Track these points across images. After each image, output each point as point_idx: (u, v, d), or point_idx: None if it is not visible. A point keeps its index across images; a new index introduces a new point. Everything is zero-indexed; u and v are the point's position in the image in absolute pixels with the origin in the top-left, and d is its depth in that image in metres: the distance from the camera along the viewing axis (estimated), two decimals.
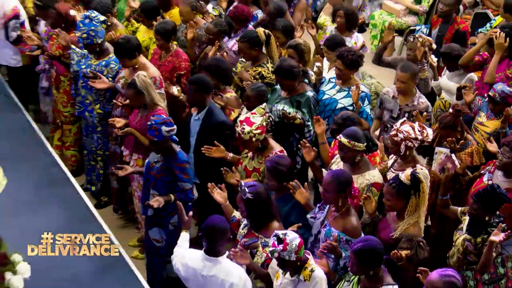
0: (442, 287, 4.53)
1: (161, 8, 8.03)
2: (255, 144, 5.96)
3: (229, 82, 6.99)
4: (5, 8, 8.22)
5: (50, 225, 5.92)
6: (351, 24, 7.98)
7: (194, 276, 5.09)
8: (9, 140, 7.07)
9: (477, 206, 5.37)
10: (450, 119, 6.49)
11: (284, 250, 4.68)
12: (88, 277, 5.49)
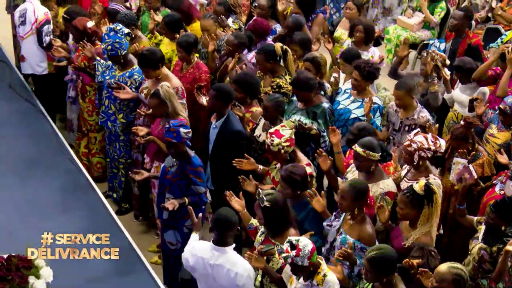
0: (450, 277, 4.58)
1: (184, 21, 8.01)
2: (284, 156, 5.95)
3: (256, 96, 6.95)
4: (37, 14, 8.26)
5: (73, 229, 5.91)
6: (369, 38, 7.95)
7: (202, 265, 5.17)
8: (36, 147, 7.09)
9: (494, 216, 5.35)
10: (462, 130, 6.48)
11: (297, 256, 4.67)
12: (108, 281, 5.47)
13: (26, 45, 8.39)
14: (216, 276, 5.15)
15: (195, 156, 6.09)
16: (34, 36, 8.31)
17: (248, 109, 6.79)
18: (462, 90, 7.74)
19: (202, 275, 5.25)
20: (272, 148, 5.89)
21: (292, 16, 8.27)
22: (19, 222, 5.96)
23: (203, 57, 7.82)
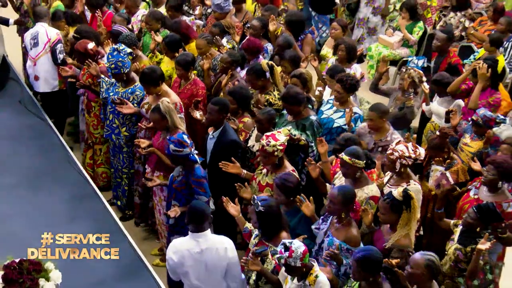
0: (424, 264, 4.71)
1: (182, 41, 8.04)
2: (274, 159, 5.97)
3: (247, 108, 7.00)
4: (50, 35, 8.33)
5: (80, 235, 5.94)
6: (351, 56, 7.97)
7: (189, 256, 5.18)
8: (45, 159, 7.11)
9: (476, 217, 5.39)
10: (438, 140, 6.54)
11: (290, 257, 4.70)
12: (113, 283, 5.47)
13: (39, 65, 8.42)
14: (207, 260, 5.22)
15: (198, 168, 6.07)
16: (47, 55, 8.39)
17: (240, 119, 6.84)
18: (440, 103, 7.78)
19: (191, 266, 5.24)
20: (267, 149, 5.88)
21: (283, 36, 8.29)
22: (30, 229, 5.96)
23: (199, 74, 7.83)
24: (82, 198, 6.53)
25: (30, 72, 8.49)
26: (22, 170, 6.83)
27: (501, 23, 9.74)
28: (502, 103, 7.92)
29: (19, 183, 6.63)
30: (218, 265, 5.24)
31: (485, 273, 5.64)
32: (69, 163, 7.08)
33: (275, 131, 6.10)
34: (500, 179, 5.85)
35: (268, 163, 6.08)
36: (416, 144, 6.10)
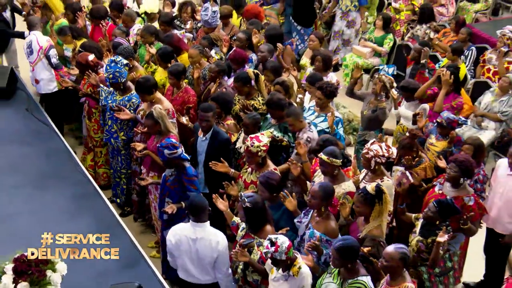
0: (397, 256, 4.73)
1: (174, 53, 8.05)
2: (258, 158, 6.00)
3: (229, 111, 7.05)
4: (41, 42, 8.34)
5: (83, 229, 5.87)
6: (327, 66, 8.00)
7: (185, 241, 5.34)
8: (50, 161, 7.08)
9: (435, 210, 5.44)
10: (408, 141, 6.58)
11: (276, 252, 4.75)
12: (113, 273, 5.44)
13: (37, 70, 8.46)
14: (199, 248, 5.33)
15: (190, 167, 6.15)
16: (41, 61, 8.40)
17: (224, 121, 6.87)
18: (407, 107, 7.83)
19: (185, 250, 5.37)
20: (251, 149, 5.93)
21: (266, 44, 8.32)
22: (37, 225, 5.91)
23: (190, 83, 7.84)
24: (84, 196, 6.50)
25: (31, 76, 8.57)
26: (29, 171, 6.81)
27: (462, 33, 9.84)
28: (464, 106, 8.02)
29: (26, 183, 6.60)
30: (209, 255, 5.31)
31: (445, 261, 5.73)
32: (72, 165, 7.05)
33: (259, 133, 6.14)
34: (462, 175, 5.89)
35: (252, 162, 6.11)
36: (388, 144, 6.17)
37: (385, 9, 12.13)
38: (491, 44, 10.30)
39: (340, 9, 11.38)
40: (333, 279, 4.97)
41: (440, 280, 5.76)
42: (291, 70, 8.00)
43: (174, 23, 9.26)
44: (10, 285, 4.20)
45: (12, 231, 5.84)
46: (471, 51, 9.84)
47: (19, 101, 8.20)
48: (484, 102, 8.61)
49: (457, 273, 5.99)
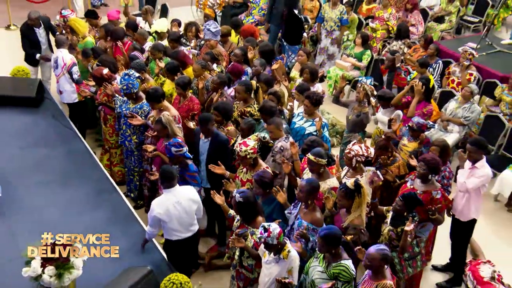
0: (378, 257, 4.69)
1: (180, 67, 8.08)
2: (248, 160, 6.01)
3: (229, 118, 7.07)
4: (65, 60, 8.35)
5: (102, 220, 6.00)
6: (314, 77, 8.03)
7: (172, 208, 5.56)
8: (73, 161, 7.10)
9: (402, 204, 5.49)
10: (383, 142, 6.61)
11: (268, 237, 4.78)
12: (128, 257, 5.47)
13: (61, 83, 8.46)
14: (185, 206, 5.63)
15: (192, 164, 6.22)
16: (64, 76, 8.41)
17: (225, 127, 6.88)
18: (383, 113, 7.87)
19: (175, 214, 5.59)
20: (240, 154, 5.96)
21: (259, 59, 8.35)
22: (62, 217, 5.96)
23: (195, 93, 7.86)
24: (103, 191, 6.53)
25: (56, 87, 8.57)
26: (55, 170, 6.82)
27: (430, 49, 9.90)
28: (433, 112, 8.05)
29: (53, 180, 6.62)
30: (192, 208, 5.71)
31: (413, 247, 5.77)
32: (92, 164, 7.07)
33: (246, 138, 6.14)
34: (430, 172, 5.94)
35: (245, 164, 6.14)
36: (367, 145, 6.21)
37: (364, 28, 12.19)
38: (455, 58, 10.36)
39: (325, 29, 11.45)
40: (319, 263, 5.00)
41: (409, 264, 5.80)
42: (283, 81, 8.03)
43: (181, 41, 9.29)
44: (39, 269, 4.22)
45: (40, 221, 5.84)
46: (438, 64, 9.89)
47: (46, 109, 8.22)
48: (449, 108, 8.66)
49: (424, 257, 6.03)
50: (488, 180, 6.37)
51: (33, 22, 9.60)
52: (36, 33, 9.71)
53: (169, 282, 4.70)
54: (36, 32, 9.70)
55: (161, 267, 5.28)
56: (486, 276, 6.74)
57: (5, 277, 4.96)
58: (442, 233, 6.81)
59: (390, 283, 4.73)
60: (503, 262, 7.04)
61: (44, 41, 9.83)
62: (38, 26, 9.69)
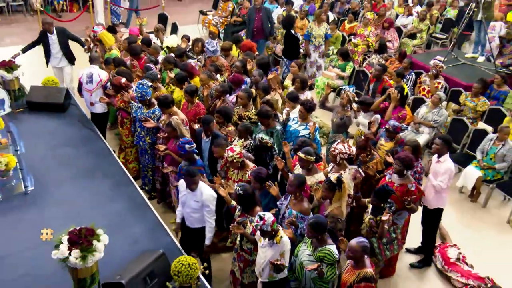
0: (359, 249, 4.66)
1: (188, 77, 8.09)
2: (236, 164, 6.02)
3: (229, 120, 7.07)
4: (101, 76, 8.28)
5: (121, 209, 5.99)
6: (303, 86, 8.06)
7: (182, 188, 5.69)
8: (95, 159, 7.09)
9: (374, 198, 5.53)
10: (363, 142, 6.61)
11: (263, 224, 4.77)
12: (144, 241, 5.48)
13: (94, 96, 8.30)
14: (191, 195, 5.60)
15: (199, 160, 6.24)
16: (99, 90, 8.28)
17: (226, 128, 6.89)
18: (364, 116, 7.89)
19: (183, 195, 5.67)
20: (228, 159, 5.97)
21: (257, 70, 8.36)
22: (86, 207, 5.95)
23: (201, 99, 7.86)
24: (121, 184, 6.51)
25: (87, 99, 8.45)
26: (80, 166, 6.80)
27: (404, 62, 9.92)
28: (407, 116, 8.07)
29: (78, 175, 6.61)
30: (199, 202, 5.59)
31: (390, 233, 5.79)
32: (112, 161, 7.07)
33: (233, 144, 6.12)
34: (404, 168, 5.95)
35: (234, 167, 6.14)
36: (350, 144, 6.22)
37: (347, 44, 12.22)
38: (426, 70, 10.40)
39: (314, 45, 11.46)
40: (307, 247, 5.01)
41: (387, 247, 5.81)
42: (277, 89, 8.04)
43: (187, 55, 9.30)
44: (66, 252, 4.21)
45: (68, 211, 5.84)
46: (411, 75, 9.92)
47: (72, 114, 8.21)
48: (421, 113, 8.68)
49: (400, 241, 6.04)
50: (452, 174, 6.39)
51: (46, 27, 9.54)
52: (49, 38, 9.64)
53: (179, 263, 4.70)
54: (49, 37, 9.63)
55: (172, 250, 5.26)
56: (453, 257, 6.78)
57: (38, 259, 4.96)
58: (414, 220, 6.82)
59: (370, 271, 4.73)
60: (467, 245, 7.09)
61: (55, 46, 9.74)
62: (51, 32, 9.61)
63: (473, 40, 12.53)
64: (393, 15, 13.92)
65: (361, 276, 4.69)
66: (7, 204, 5.97)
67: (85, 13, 15.01)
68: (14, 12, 15.92)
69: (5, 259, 5.13)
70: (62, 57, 9.89)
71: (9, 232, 5.53)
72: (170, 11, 14.10)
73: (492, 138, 8.09)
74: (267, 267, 4.98)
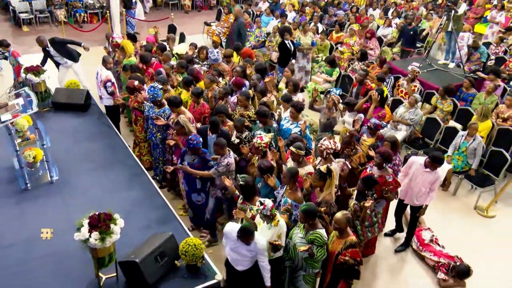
0: (344, 220, 4.78)
1: (194, 80, 8.06)
2: (260, 151, 6.04)
3: (230, 118, 7.06)
4: (102, 76, 8.29)
5: (135, 197, 5.98)
6: (296, 89, 8.03)
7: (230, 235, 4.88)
8: (112, 152, 7.09)
9: (362, 185, 5.50)
10: (348, 138, 6.60)
11: (263, 209, 4.79)
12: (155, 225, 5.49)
13: (102, 90, 8.39)
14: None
15: (207, 152, 6.25)
16: (103, 88, 8.33)
17: (226, 124, 6.87)
18: (349, 115, 7.86)
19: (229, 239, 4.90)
20: (256, 145, 5.99)
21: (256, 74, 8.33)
22: (105, 194, 5.95)
23: (206, 100, 7.83)
24: (136, 175, 6.51)
25: (98, 92, 8.57)
26: (99, 159, 6.80)
27: (384, 68, 9.91)
28: (386, 115, 8.07)
29: (97, 167, 6.61)
30: (253, 251, 4.81)
31: (372, 217, 5.80)
32: (127, 154, 7.06)
33: (263, 135, 6.13)
34: (384, 161, 5.95)
35: (257, 153, 6.15)
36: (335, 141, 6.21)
37: (334, 52, 12.19)
38: (403, 74, 10.38)
39: (302, 52, 11.44)
40: (300, 231, 5.01)
41: (369, 230, 5.82)
42: (273, 92, 8.01)
43: (194, 60, 9.26)
44: (86, 234, 4.21)
45: (88, 198, 5.85)
46: (390, 79, 9.90)
47: (92, 113, 8.19)
48: (399, 112, 8.67)
49: (380, 225, 6.05)
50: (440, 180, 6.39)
51: (40, 44, 9.65)
52: (50, 51, 9.74)
53: (186, 244, 4.70)
54: (49, 50, 9.73)
55: (179, 233, 5.26)
56: (427, 239, 6.80)
57: (63, 240, 4.98)
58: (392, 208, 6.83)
59: (354, 238, 4.84)
60: (439, 228, 7.11)
61: (56, 54, 9.80)
62: (46, 46, 9.69)
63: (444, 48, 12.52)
64: (374, 26, 13.89)
65: (348, 243, 4.79)
66: (35, 192, 5.99)
67: (104, 24, 14.96)
68: (42, 23, 15.87)
69: (34, 240, 5.14)
70: (65, 59, 9.95)
71: (37, 217, 5.54)
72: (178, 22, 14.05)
73: (463, 134, 8.09)
74: None
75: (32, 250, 5.01)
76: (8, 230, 5.29)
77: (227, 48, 10.02)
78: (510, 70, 10.93)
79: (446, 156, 8.17)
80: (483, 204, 7.88)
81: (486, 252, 6.87)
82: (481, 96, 9.35)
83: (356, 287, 5.80)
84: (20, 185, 6.06)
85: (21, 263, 4.72)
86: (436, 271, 6.43)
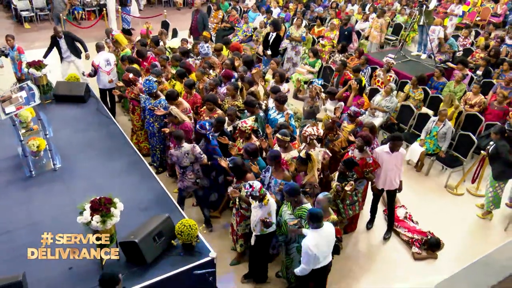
0: (325, 200, 4.82)
1: (187, 73, 7.97)
2: (245, 134, 6.02)
3: (219, 106, 7.01)
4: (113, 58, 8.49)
5: (134, 182, 5.92)
6: (282, 79, 7.98)
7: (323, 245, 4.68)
8: (111, 141, 7.00)
9: (343, 167, 5.53)
10: (330, 125, 6.59)
11: (252, 190, 4.76)
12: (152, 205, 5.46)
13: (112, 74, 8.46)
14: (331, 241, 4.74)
15: (213, 140, 6.16)
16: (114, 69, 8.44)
17: (215, 112, 6.80)
18: (330, 104, 7.87)
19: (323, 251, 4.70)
20: (241, 128, 5.97)
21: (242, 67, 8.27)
22: (105, 180, 5.89)
23: (197, 91, 7.74)
24: (134, 162, 6.44)
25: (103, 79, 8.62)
26: (99, 147, 6.72)
27: (362, 59, 9.89)
28: (364, 103, 8.06)
29: (98, 154, 6.53)
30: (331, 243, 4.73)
31: (353, 196, 5.82)
32: (125, 143, 6.98)
33: (247, 118, 6.10)
34: (365, 144, 5.95)
35: (242, 136, 6.12)
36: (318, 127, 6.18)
37: (316, 45, 12.12)
38: (380, 65, 10.37)
39: (291, 44, 11.35)
40: (288, 208, 5.04)
41: (350, 208, 5.85)
42: (260, 82, 7.96)
43: (188, 54, 9.17)
44: (88, 217, 4.17)
45: (89, 184, 5.78)
46: (367, 70, 9.90)
47: (92, 104, 8.07)
48: (376, 100, 8.67)
49: (360, 204, 6.08)
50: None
51: (56, 33, 9.53)
52: (59, 42, 9.60)
53: (181, 224, 4.68)
54: (59, 41, 9.60)
55: (175, 214, 5.24)
56: (401, 216, 6.85)
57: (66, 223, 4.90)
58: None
59: (335, 217, 4.92)
60: (413, 206, 7.17)
61: (64, 47, 9.69)
62: (60, 37, 9.57)
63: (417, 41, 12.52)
64: (353, 21, 13.82)
65: (330, 221, 4.80)
66: (39, 178, 5.92)
67: (101, 21, 14.71)
68: (42, 20, 15.58)
69: (39, 223, 5.08)
70: (71, 54, 9.81)
71: (42, 202, 5.48)
72: (171, 18, 13.83)
73: (434, 120, 8.12)
74: (258, 223, 5.03)
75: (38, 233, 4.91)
76: (15, 215, 5.23)
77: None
78: (476, 60, 10.99)
79: (419, 140, 8.22)
80: (453, 183, 7.95)
81: (455, 226, 6.95)
82: (450, 85, 9.38)
83: (337, 261, 5.82)
84: (25, 172, 5.98)
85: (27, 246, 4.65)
86: (410, 245, 6.49)
